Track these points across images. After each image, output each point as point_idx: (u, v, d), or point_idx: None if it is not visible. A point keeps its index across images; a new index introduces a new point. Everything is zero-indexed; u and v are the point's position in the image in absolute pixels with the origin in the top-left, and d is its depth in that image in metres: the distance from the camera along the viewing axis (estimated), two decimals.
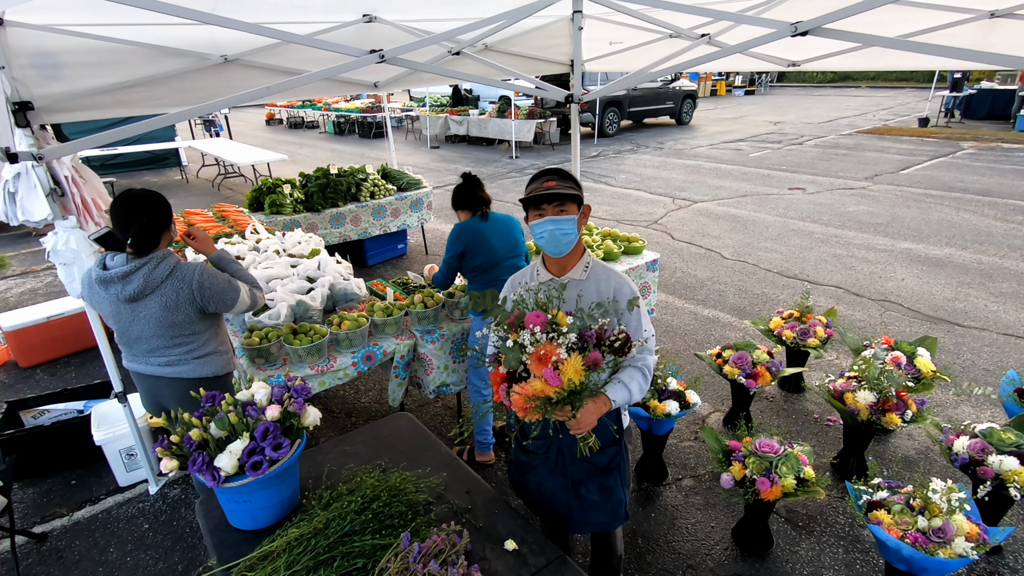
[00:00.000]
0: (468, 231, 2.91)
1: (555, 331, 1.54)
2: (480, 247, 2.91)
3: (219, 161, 11.35)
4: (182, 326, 2.23)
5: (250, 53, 2.97)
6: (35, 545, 2.87)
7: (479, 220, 2.95)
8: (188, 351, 2.30)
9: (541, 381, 1.49)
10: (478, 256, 2.92)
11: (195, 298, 2.20)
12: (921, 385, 3.24)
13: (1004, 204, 8.14)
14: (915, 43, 1.91)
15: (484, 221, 2.95)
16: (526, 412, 1.51)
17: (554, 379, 1.47)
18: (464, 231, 2.91)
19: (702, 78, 25.24)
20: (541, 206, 1.76)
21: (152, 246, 2.17)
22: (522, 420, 1.56)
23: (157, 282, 2.14)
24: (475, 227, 2.92)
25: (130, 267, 2.11)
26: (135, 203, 2.14)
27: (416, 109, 18.18)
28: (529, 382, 1.51)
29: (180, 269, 2.19)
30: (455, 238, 2.92)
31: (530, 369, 1.53)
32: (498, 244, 2.94)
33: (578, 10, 3.10)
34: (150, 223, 2.14)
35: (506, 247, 2.98)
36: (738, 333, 4.80)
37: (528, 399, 1.49)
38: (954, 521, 2.12)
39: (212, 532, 1.75)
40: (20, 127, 2.26)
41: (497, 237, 2.94)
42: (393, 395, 3.21)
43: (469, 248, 2.90)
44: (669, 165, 11.66)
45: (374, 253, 6.70)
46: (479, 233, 2.91)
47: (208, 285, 2.22)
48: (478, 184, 2.99)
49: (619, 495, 1.94)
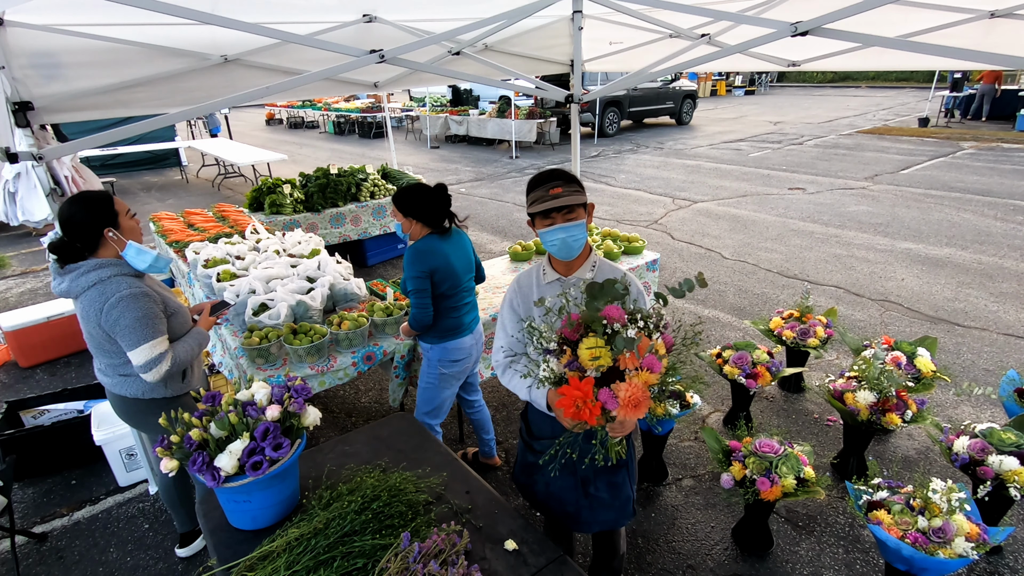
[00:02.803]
0: (433, 251, 2.53)
1: (633, 322, 1.46)
2: (447, 269, 2.56)
3: (219, 161, 11.35)
4: (100, 339, 2.14)
5: (250, 53, 2.97)
6: (35, 545, 2.87)
7: (440, 238, 2.58)
8: (110, 364, 2.22)
9: (646, 372, 1.39)
10: (445, 280, 2.57)
11: (101, 320, 2.07)
12: (921, 385, 3.24)
13: (1004, 204, 8.14)
14: (915, 43, 1.91)
15: (446, 238, 2.60)
16: (635, 412, 1.38)
17: (657, 365, 1.39)
18: (429, 251, 2.52)
19: (702, 78, 25.24)
20: (551, 215, 1.75)
21: (75, 256, 2.08)
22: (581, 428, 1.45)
23: (79, 290, 2.06)
24: (439, 246, 2.56)
25: (65, 268, 2.09)
26: (63, 210, 2.04)
27: (416, 109, 18.19)
28: (632, 378, 1.39)
29: (104, 285, 2.06)
30: (418, 258, 2.50)
31: (624, 364, 1.41)
32: (460, 265, 2.63)
33: (578, 10, 3.11)
34: (73, 233, 2.05)
35: (465, 266, 2.68)
36: (738, 333, 4.80)
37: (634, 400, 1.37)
38: (954, 521, 2.12)
39: (212, 532, 1.75)
40: (20, 127, 2.26)
41: (458, 256, 2.63)
42: (393, 395, 3.21)
43: (437, 270, 2.53)
44: (669, 165, 11.66)
45: (374, 253, 6.70)
46: (444, 254, 2.55)
47: (116, 316, 2.04)
48: (448, 197, 2.63)
49: (627, 492, 1.95)
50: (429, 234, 2.57)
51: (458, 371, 2.81)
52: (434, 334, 2.72)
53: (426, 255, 2.51)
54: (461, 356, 2.78)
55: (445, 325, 2.69)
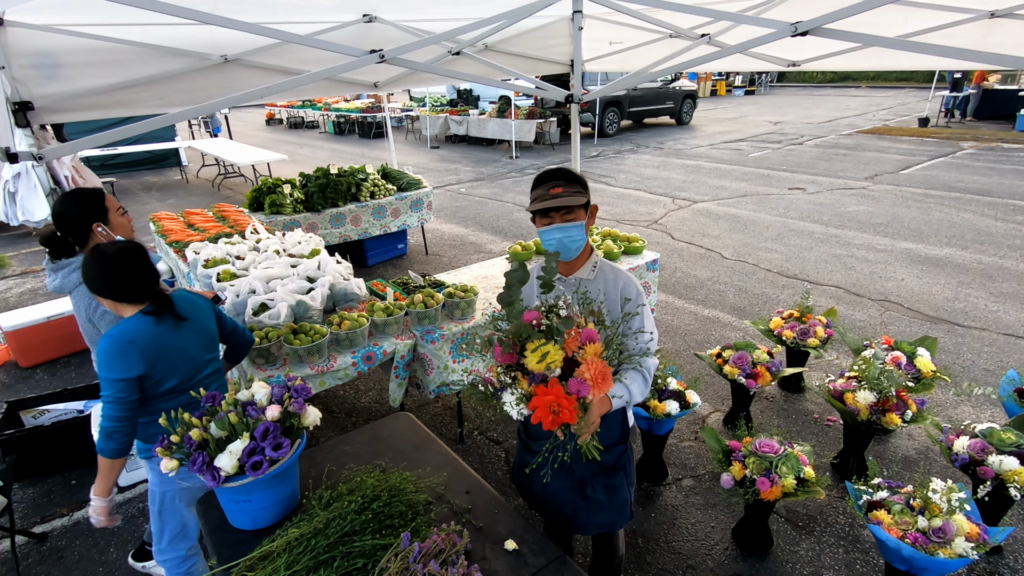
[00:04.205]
0: (145, 343, 1.81)
1: (551, 310, 1.53)
2: (171, 361, 1.88)
3: (219, 161, 11.35)
4: (92, 334, 2.17)
5: (250, 53, 2.97)
6: (35, 545, 2.87)
7: (156, 322, 1.85)
8: None
9: (590, 345, 1.46)
10: (172, 375, 1.89)
11: (90, 315, 2.11)
12: (921, 385, 3.24)
13: (1004, 204, 8.14)
14: (915, 43, 1.91)
15: (164, 321, 1.87)
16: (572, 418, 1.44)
17: (593, 334, 1.45)
18: (137, 344, 1.79)
19: (702, 78, 25.24)
20: (550, 214, 1.75)
21: (66, 250, 2.14)
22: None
23: (71, 285, 2.12)
24: (154, 335, 1.84)
25: (56, 264, 2.14)
26: (56, 205, 2.09)
27: (416, 109, 18.19)
28: (583, 356, 1.46)
29: None
30: (119, 352, 1.76)
31: (569, 349, 1.47)
32: (195, 348, 1.97)
33: (578, 10, 3.11)
34: (63, 227, 2.11)
35: (205, 344, 2.02)
36: (738, 333, 4.80)
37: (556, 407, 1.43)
38: (954, 521, 2.12)
39: (212, 532, 1.75)
40: (20, 127, 2.26)
41: (192, 337, 1.96)
42: (393, 395, 3.21)
43: (153, 367, 1.83)
44: (669, 165, 11.66)
45: (374, 253, 6.70)
46: (162, 343, 1.85)
47: (103, 311, 2.08)
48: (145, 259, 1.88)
49: (625, 494, 1.95)
50: (139, 314, 1.85)
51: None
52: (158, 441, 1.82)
53: (129, 348, 1.78)
54: None
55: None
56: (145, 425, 1.94)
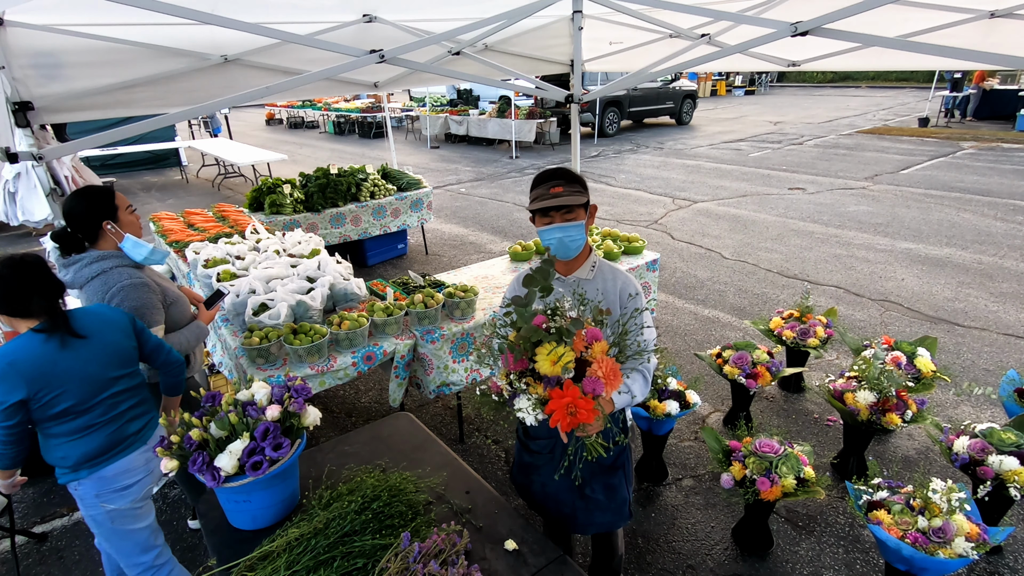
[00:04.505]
0: (28, 364, 1.69)
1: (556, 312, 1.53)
2: (61, 381, 1.75)
3: (219, 161, 11.35)
4: None
5: (250, 53, 2.97)
6: (35, 545, 2.87)
7: (45, 340, 1.73)
8: None
9: (596, 344, 1.47)
10: (64, 397, 1.76)
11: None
12: (921, 385, 3.24)
13: (1004, 204, 8.14)
14: (915, 43, 1.91)
15: (53, 340, 1.75)
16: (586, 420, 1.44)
17: (598, 333, 1.47)
18: (17, 365, 1.68)
19: (702, 78, 25.23)
20: (550, 213, 1.75)
21: (77, 246, 2.16)
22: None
23: (83, 280, 2.13)
24: (40, 354, 1.72)
25: (68, 259, 2.15)
26: (67, 202, 2.12)
27: (416, 109, 18.19)
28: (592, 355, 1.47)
29: (107, 276, 2.11)
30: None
31: (578, 348, 1.47)
32: (95, 366, 1.82)
33: (578, 10, 3.11)
34: (74, 224, 2.13)
35: (112, 361, 1.87)
36: (738, 333, 4.80)
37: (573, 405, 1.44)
38: (954, 521, 2.12)
39: (212, 532, 1.75)
40: (20, 127, 2.27)
41: (90, 354, 1.82)
42: (393, 395, 3.21)
43: (39, 389, 1.71)
44: (669, 165, 11.66)
45: (374, 253, 6.70)
46: (49, 363, 1.73)
47: (116, 304, 2.06)
48: (44, 272, 1.78)
49: (624, 494, 1.95)
50: (28, 332, 1.73)
51: (137, 497, 2.00)
52: (67, 464, 1.88)
53: (8, 371, 1.66)
54: (132, 480, 1.97)
55: (88, 450, 1.87)
56: (55, 447, 1.85)
